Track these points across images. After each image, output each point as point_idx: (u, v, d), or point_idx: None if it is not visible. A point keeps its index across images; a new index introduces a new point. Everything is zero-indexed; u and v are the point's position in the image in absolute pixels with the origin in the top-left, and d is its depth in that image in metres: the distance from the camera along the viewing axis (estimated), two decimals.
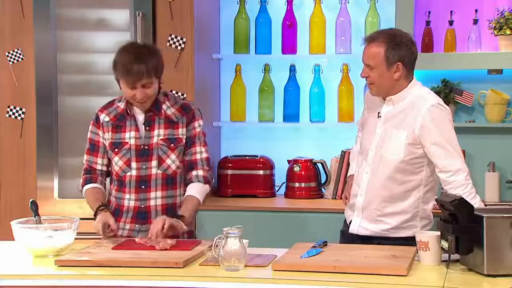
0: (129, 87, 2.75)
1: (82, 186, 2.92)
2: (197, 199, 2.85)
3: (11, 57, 3.99)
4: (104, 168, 2.92)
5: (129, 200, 2.85)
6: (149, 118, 2.85)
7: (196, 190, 2.86)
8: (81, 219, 2.80)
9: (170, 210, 2.85)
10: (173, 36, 3.86)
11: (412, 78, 2.91)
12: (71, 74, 3.98)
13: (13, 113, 4.01)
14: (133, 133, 2.84)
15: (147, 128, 2.85)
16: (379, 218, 2.88)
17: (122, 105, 2.88)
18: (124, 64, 2.73)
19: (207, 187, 2.89)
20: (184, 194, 2.89)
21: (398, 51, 2.82)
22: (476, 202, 2.71)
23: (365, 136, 2.98)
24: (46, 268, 2.46)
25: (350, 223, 2.97)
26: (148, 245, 2.63)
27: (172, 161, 2.86)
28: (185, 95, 3.86)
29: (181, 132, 2.87)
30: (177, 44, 3.85)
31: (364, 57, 2.87)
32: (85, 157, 2.93)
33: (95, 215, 2.80)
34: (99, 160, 2.90)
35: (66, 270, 2.42)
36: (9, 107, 4.01)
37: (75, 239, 2.69)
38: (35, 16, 3.93)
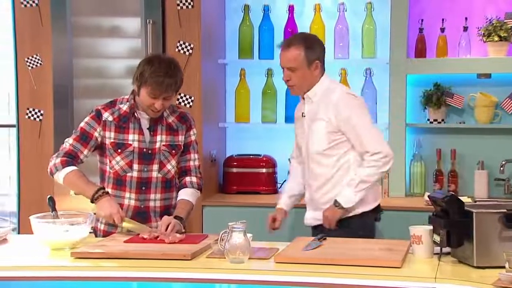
0: (151, 96, 2.72)
1: (63, 167, 2.74)
2: (192, 203, 2.85)
3: (30, 63, 4.00)
4: (84, 159, 2.83)
5: (129, 199, 2.81)
6: (153, 124, 2.82)
7: (191, 195, 2.85)
8: (95, 213, 2.80)
9: (167, 211, 2.84)
10: (181, 42, 3.85)
11: (323, 73, 2.94)
12: (86, 78, 3.98)
13: (32, 115, 4.02)
14: (137, 136, 2.80)
15: (151, 133, 2.82)
16: (322, 206, 2.91)
17: (124, 107, 2.82)
18: (155, 76, 2.68)
19: (199, 193, 2.91)
20: (177, 196, 2.88)
21: (315, 50, 2.88)
22: (348, 190, 2.79)
23: (299, 136, 3.03)
24: (63, 260, 2.46)
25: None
26: (158, 238, 2.63)
27: (172, 166, 2.85)
28: (193, 98, 3.86)
29: (181, 139, 2.86)
30: (185, 50, 3.85)
31: (284, 62, 2.90)
32: (70, 141, 2.79)
33: (96, 198, 2.70)
34: (85, 151, 2.80)
35: (81, 262, 2.42)
36: (28, 109, 4.02)
37: (90, 232, 2.69)
38: (52, 24, 3.93)
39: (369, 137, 2.82)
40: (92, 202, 2.74)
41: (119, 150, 2.80)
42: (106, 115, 2.82)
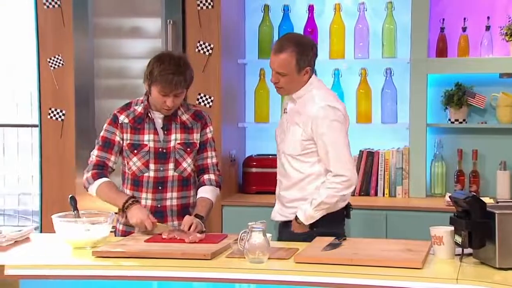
0: (161, 94, 2.74)
1: (94, 180, 2.80)
2: (211, 201, 2.85)
3: (52, 63, 4.03)
4: (114, 166, 2.86)
5: (146, 199, 2.83)
6: (166, 123, 2.83)
7: (210, 193, 2.85)
8: (116, 213, 2.82)
9: (184, 209, 2.85)
10: (201, 42, 3.86)
11: (312, 75, 2.88)
12: (107, 79, 4.01)
13: (54, 115, 4.05)
14: (152, 136, 2.82)
15: (165, 132, 2.83)
16: (287, 204, 2.88)
17: (139, 108, 2.84)
18: (165, 74, 2.70)
19: (218, 190, 2.90)
20: (195, 195, 2.88)
21: (307, 56, 2.81)
22: (309, 208, 2.74)
23: (278, 129, 2.98)
24: (84, 259, 2.48)
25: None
26: (178, 238, 2.63)
27: (188, 164, 2.85)
28: (212, 98, 3.86)
29: (196, 137, 2.87)
30: (205, 50, 3.86)
31: (274, 65, 2.82)
32: (96, 152, 2.83)
33: (127, 207, 2.73)
34: (112, 158, 2.83)
35: (102, 261, 2.43)
36: (50, 109, 4.05)
37: (111, 232, 2.71)
38: (74, 25, 3.97)
39: (336, 157, 2.76)
40: (123, 211, 2.77)
41: (135, 151, 2.82)
42: (122, 118, 2.85)
